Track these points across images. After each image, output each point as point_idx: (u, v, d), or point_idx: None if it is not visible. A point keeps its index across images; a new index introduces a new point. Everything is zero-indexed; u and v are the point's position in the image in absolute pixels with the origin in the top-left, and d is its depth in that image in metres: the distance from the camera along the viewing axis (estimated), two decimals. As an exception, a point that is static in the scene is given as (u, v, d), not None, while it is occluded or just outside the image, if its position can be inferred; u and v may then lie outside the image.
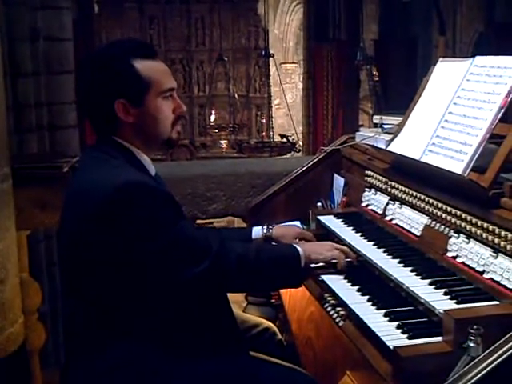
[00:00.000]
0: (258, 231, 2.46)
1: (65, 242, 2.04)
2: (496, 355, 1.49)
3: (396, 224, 2.47)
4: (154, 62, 2.06)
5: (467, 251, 2.03)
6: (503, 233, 1.89)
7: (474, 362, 1.50)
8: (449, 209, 2.16)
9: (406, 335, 1.81)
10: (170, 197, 2.01)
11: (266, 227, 2.46)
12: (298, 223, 2.90)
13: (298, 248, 2.17)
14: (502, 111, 2.07)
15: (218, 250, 1.99)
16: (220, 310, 2.14)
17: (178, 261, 1.94)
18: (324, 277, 2.25)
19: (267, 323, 2.49)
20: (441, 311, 1.80)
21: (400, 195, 2.49)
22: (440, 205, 2.22)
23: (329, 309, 2.15)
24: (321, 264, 2.29)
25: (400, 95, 8.65)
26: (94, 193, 1.90)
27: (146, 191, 1.92)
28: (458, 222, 2.10)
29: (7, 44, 3.57)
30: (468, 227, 2.05)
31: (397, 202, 2.51)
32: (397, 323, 1.87)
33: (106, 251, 1.90)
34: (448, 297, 1.91)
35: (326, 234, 2.62)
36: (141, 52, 2.05)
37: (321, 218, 2.77)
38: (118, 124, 2.03)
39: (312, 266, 2.25)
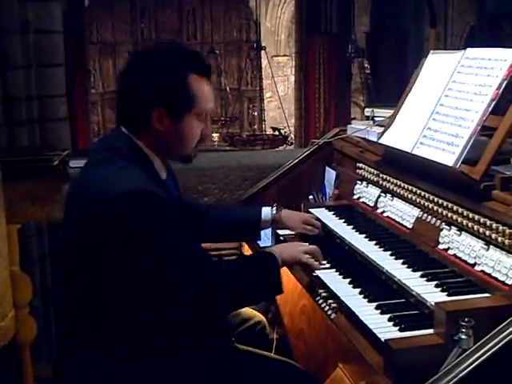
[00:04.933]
0: (267, 212, 2.51)
1: (64, 237, 2.02)
2: (487, 347, 1.49)
3: (388, 216, 2.47)
4: (206, 81, 2.02)
5: (459, 243, 2.03)
6: (494, 225, 1.90)
7: (466, 354, 1.51)
8: (440, 201, 2.17)
9: (397, 327, 1.81)
10: (172, 208, 1.92)
11: (275, 208, 2.51)
12: None
13: (275, 254, 2.10)
14: (494, 103, 2.07)
15: (213, 279, 1.91)
16: None
17: (169, 280, 1.87)
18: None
19: (258, 317, 2.49)
20: (432, 303, 1.80)
21: (392, 188, 2.49)
22: (431, 197, 2.22)
23: (320, 301, 2.15)
24: None
25: (391, 88, 8.67)
26: (96, 195, 1.85)
27: (146, 202, 1.84)
28: (450, 214, 2.11)
29: (-4, 36, 3.54)
30: (459, 219, 2.05)
31: (388, 195, 2.51)
32: (388, 316, 1.87)
33: (100, 255, 1.86)
34: (439, 289, 1.91)
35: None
36: (198, 68, 2.01)
37: (312, 210, 2.76)
38: (147, 127, 1.97)
39: None
